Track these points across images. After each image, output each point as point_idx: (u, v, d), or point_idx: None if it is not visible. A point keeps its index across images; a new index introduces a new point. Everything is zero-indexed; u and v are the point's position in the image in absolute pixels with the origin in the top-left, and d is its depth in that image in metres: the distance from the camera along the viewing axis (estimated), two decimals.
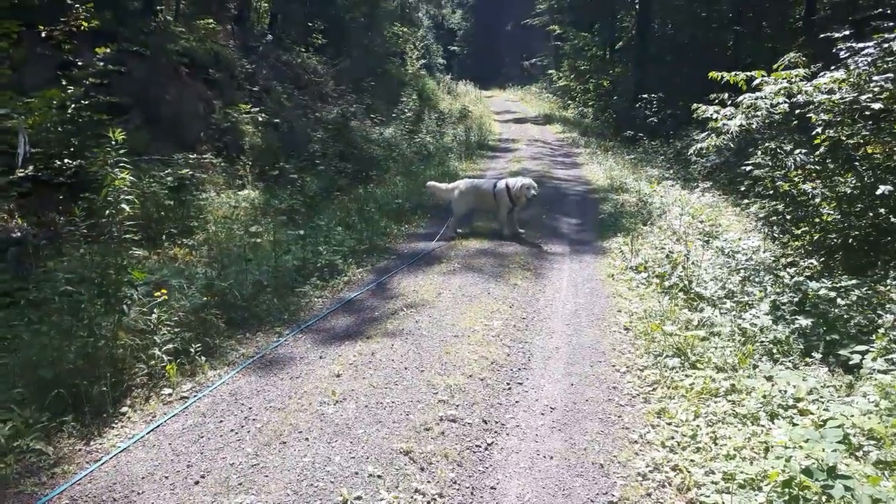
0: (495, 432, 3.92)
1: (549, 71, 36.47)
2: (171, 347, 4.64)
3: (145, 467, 3.50)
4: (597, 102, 27.51)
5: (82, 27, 8.42)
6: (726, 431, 3.80)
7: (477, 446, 3.75)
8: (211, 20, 14.29)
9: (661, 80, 21.21)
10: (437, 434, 3.83)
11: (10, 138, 6.62)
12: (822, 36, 7.31)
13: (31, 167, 7.01)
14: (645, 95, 19.68)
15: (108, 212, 4.81)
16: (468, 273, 7.16)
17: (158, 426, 3.93)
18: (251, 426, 3.92)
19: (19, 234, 6.72)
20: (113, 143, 4.91)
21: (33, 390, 4.00)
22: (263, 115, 12.51)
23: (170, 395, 4.33)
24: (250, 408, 4.15)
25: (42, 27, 8.00)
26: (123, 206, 4.75)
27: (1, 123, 6.61)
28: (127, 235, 4.92)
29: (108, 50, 8.45)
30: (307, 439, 3.75)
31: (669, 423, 4.01)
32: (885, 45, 6.49)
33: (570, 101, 31.27)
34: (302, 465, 3.50)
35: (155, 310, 4.79)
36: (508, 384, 4.57)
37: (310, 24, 20.58)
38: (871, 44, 6.68)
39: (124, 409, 4.11)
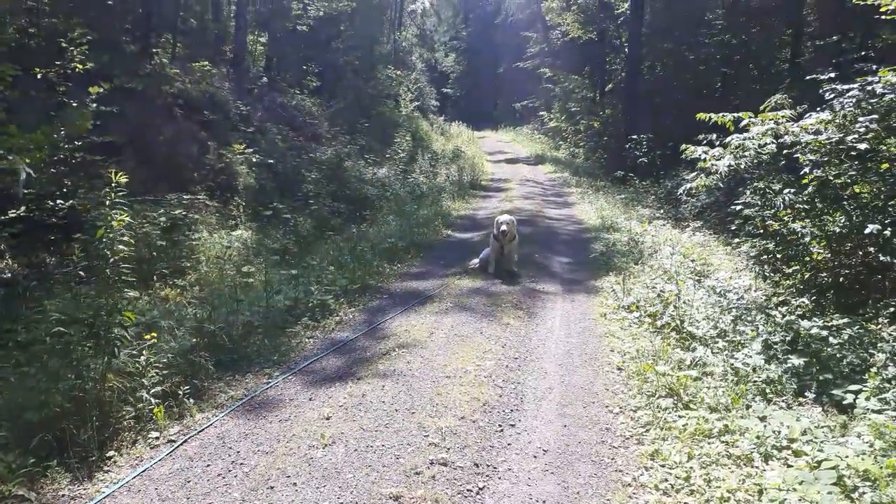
0: (487, 476, 3.86)
1: (541, 112, 36.96)
2: (159, 390, 4.59)
3: None
4: (587, 143, 27.87)
5: (77, 69, 8.52)
6: (720, 473, 3.76)
7: (468, 490, 3.69)
8: (207, 63, 14.51)
9: (651, 121, 21.50)
10: (428, 478, 3.77)
11: (7, 177, 6.62)
12: (807, 78, 7.45)
13: (22, 208, 7.01)
14: (635, 136, 19.93)
15: (103, 252, 4.79)
16: (460, 312, 7.15)
17: (145, 470, 3.86)
18: (238, 470, 3.86)
19: (9, 274, 6.70)
20: (113, 184, 4.92)
21: (18, 434, 3.94)
22: (258, 155, 12.61)
23: (157, 438, 4.26)
24: (238, 451, 4.09)
25: (37, 70, 8.09)
26: (121, 246, 4.73)
27: None
28: (119, 277, 4.90)
29: (102, 89, 8.53)
30: (295, 484, 3.69)
31: (663, 465, 3.96)
32: (869, 88, 6.61)
33: (561, 142, 31.66)
34: None
35: (144, 352, 4.75)
36: (500, 426, 4.52)
37: (305, 66, 20.90)
38: (855, 86, 6.80)
39: (111, 452, 4.04)
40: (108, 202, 4.90)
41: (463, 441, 4.24)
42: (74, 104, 8.29)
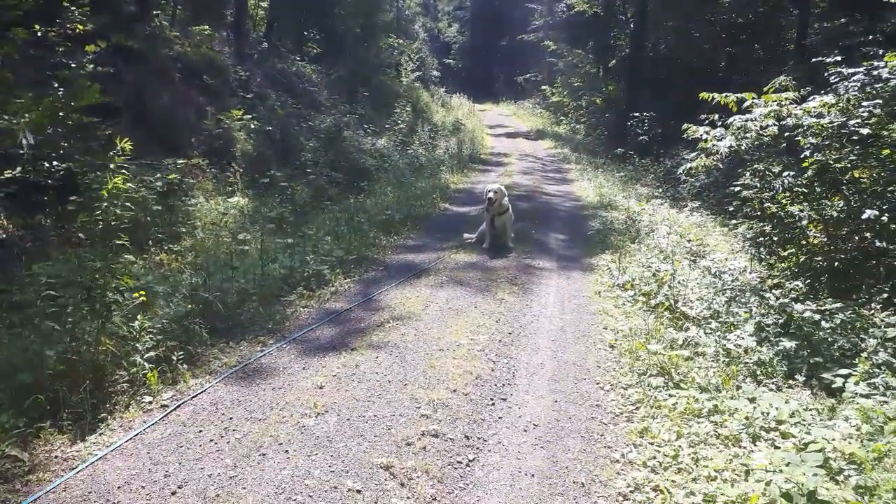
0: (477, 448, 3.90)
1: (543, 87, 36.70)
2: (152, 355, 4.61)
3: (122, 476, 3.46)
4: (589, 119, 27.74)
5: (77, 30, 8.40)
6: (708, 452, 3.79)
7: (458, 462, 3.72)
8: (206, 26, 14.33)
9: (653, 99, 21.37)
10: (419, 449, 3.80)
11: (6, 140, 6.56)
12: (812, 60, 7.38)
13: (18, 168, 6.96)
14: (636, 114, 19.83)
15: (102, 216, 4.77)
16: (455, 286, 7.16)
17: (137, 434, 3.89)
18: (231, 437, 3.88)
19: (4, 235, 6.67)
20: (118, 149, 4.88)
21: (11, 395, 3.95)
22: (256, 122, 12.52)
23: (150, 403, 4.29)
24: (231, 418, 4.11)
25: (37, 28, 7.97)
26: (119, 211, 4.70)
27: None
28: (117, 241, 4.88)
29: (99, 48, 8.40)
30: (287, 452, 3.72)
31: (652, 443, 4.00)
32: (875, 72, 6.56)
33: (562, 118, 31.49)
34: (281, 478, 3.46)
35: (138, 316, 4.75)
36: (492, 400, 4.55)
37: (306, 33, 20.66)
38: (860, 70, 6.75)
39: (103, 415, 4.06)
40: (111, 166, 4.87)
41: (454, 413, 4.27)
42: (73, 65, 8.17)
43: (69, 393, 4.02)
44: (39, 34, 7.98)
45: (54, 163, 7.27)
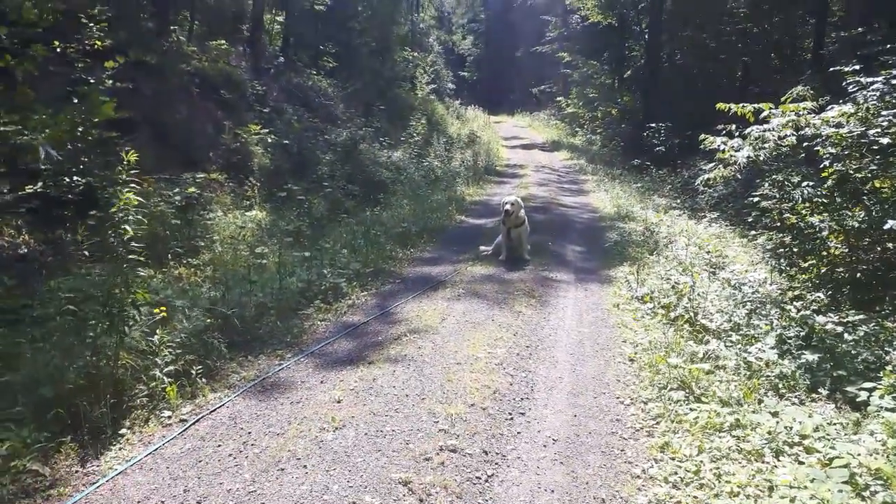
0: (496, 464, 3.87)
1: (558, 98, 36.73)
2: (171, 369, 4.63)
3: (142, 491, 3.47)
4: (605, 130, 27.68)
5: (96, 46, 8.52)
6: (730, 468, 3.74)
7: (477, 478, 3.70)
8: (223, 41, 14.49)
9: (669, 109, 21.28)
10: (437, 464, 3.78)
11: (27, 155, 6.66)
12: (830, 70, 7.32)
13: (39, 183, 7.05)
14: (653, 124, 19.75)
15: (115, 231, 4.81)
16: (472, 299, 7.14)
17: (157, 449, 3.90)
18: (250, 451, 3.88)
19: (26, 250, 6.75)
20: (125, 163, 4.93)
21: (33, 409, 3.98)
22: (273, 136, 12.61)
23: (169, 417, 4.30)
24: (249, 432, 4.12)
25: (57, 44, 8.10)
26: (126, 227, 4.73)
27: (13, 139, 6.65)
28: (132, 256, 4.92)
29: (117, 64, 8.51)
30: (305, 466, 3.71)
31: (673, 458, 3.95)
32: (894, 81, 6.49)
33: (577, 129, 31.43)
34: (299, 493, 3.46)
35: (157, 331, 4.78)
36: (510, 414, 4.52)
37: (321, 47, 20.82)
38: (879, 79, 6.69)
39: (123, 430, 4.08)
40: (120, 180, 4.91)
41: (473, 428, 4.25)
42: (92, 80, 8.29)
43: (89, 407, 4.04)
44: (59, 50, 8.11)
45: (74, 178, 7.36)
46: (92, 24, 8.58)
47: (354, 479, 3.60)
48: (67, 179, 7.32)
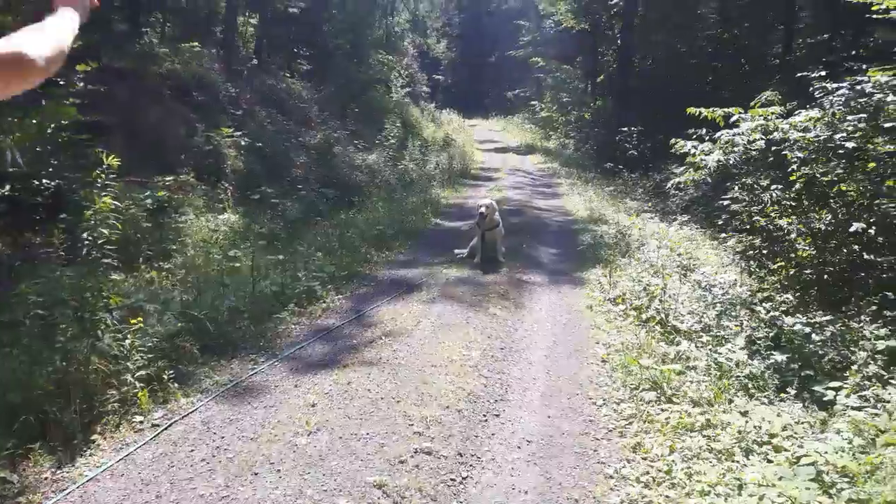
0: (471, 465, 3.88)
1: (532, 102, 36.92)
2: (143, 374, 4.57)
3: (113, 497, 3.42)
4: (578, 134, 27.86)
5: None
6: (701, 467, 3.80)
7: (452, 480, 3.71)
8: (196, 43, 14.35)
9: (641, 113, 21.52)
10: (412, 467, 3.79)
11: None
12: (798, 75, 7.47)
13: (7, 186, 6.93)
14: (625, 128, 19.95)
15: (89, 235, 4.75)
16: (447, 302, 7.16)
17: (128, 454, 3.85)
18: (223, 456, 3.85)
19: None
20: (104, 166, 4.87)
21: (1, 416, 3.91)
22: (246, 138, 12.52)
23: (141, 422, 4.25)
24: (222, 437, 4.09)
25: None
26: (104, 230, 4.68)
27: None
28: (105, 259, 4.85)
29: (90, 68, 8.39)
30: (279, 471, 3.69)
31: (645, 458, 4.00)
32: (858, 87, 6.64)
33: (551, 132, 31.62)
34: (273, 497, 3.44)
35: (129, 335, 4.72)
36: (485, 416, 4.54)
37: (295, 49, 20.71)
38: (844, 84, 6.84)
39: (94, 436, 4.02)
40: (98, 183, 4.85)
41: (447, 430, 4.26)
42: (62, 82, 8.15)
43: (59, 413, 3.97)
44: None
45: (44, 181, 7.24)
46: None
47: (328, 482, 3.59)
48: (36, 182, 7.20)
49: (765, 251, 7.64)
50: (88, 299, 4.51)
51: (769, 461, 3.80)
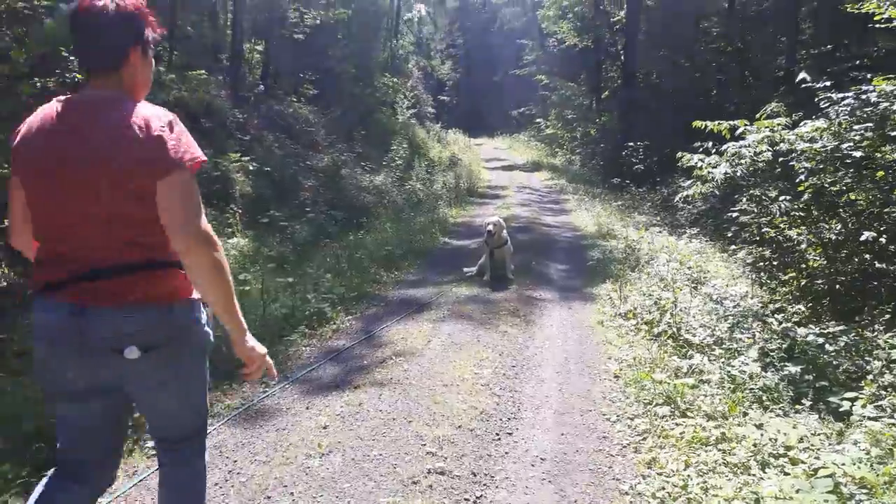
0: (484, 485, 3.86)
1: (537, 119, 37.13)
2: None
3: None
4: (584, 150, 27.97)
5: (77, 78, 8.50)
6: (717, 481, 3.75)
7: (466, 499, 3.68)
8: (203, 71, 14.51)
9: (647, 128, 21.59)
10: (425, 487, 3.76)
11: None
12: (803, 86, 7.49)
13: None
14: (631, 143, 20.00)
15: None
16: (457, 320, 7.15)
17: (141, 480, 3.85)
18: (235, 480, 3.85)
19: (5, 283, 6.68)
20: None
21: (14, 444, 3.92)
22: (254, 163, 12.61)
23: (153, 447, 4.24)
24: (235, 461, 4.08)
25: (37, 79, 8.06)
26: None
27: None
28: None
29: None
30: (292, 494, 3.68)
31: (660, 474, 3.96)
32: (863, 97, 6.65)
33: (557, 149, 31.75)
34: None
35: None
36: (498, 434, 4.52)
37: (301, 74, 20.92)
38: (850, 94, 6.84)
39: None
40: None
41: (460, 450, 4.24)
42: None
43: None
44: (38, 85, 8.07)
45: None
46: (73, 58, 8.55)
47: None
48: None
49: (775, 262, 7.61)
50: None
51: (786, 474, 3.75)
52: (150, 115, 2.12)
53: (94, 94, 2.19)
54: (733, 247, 9.96)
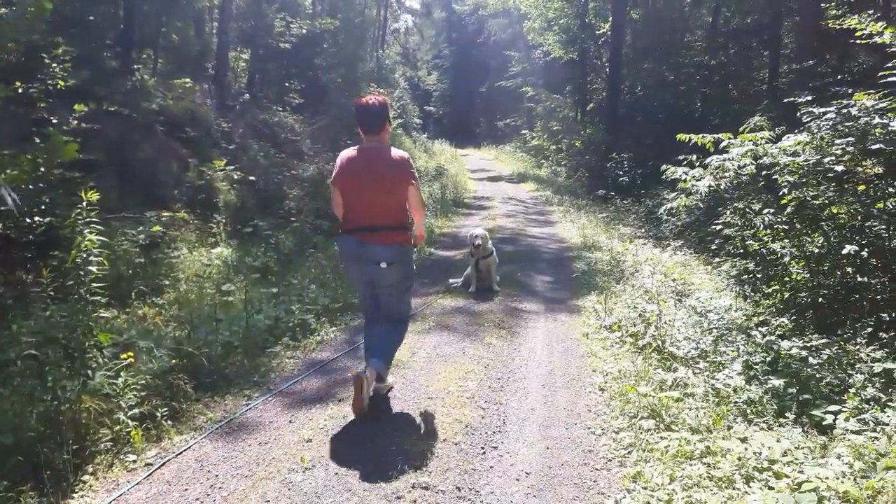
0: (469, 500, 3.82)
1: (523, 131, 37.29)
2: (136, 412, 4.51)
3: None
4: (569, 162, 28.10)
5: (59, 86, 8.44)
6: (702, 496, 3.75)
7: None
8: (188, 79, 14.45)
9: (632, 140, 21.75)
10: (409, 502, 3.73)
11: None
12: (785, 101, 7.57)
13: (0, 225, 6.91)
14: (615, 155, 20.12)
15: (75, 273, 4.73)
16: (442, 332, 7.12)
17: (121, 495, 3.78)
18: (217, 495, 3.79)
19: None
20: (84, 203, 4.87)
21: None
22: (239, 172, 12.55)
23: (134, 461, 4.18)
24: (217, 475, 4.02)
25: (19, 84, 7.99)
26: (92, 268, 4.66)
27: None
28: (95, 297, 4.82)
29: (87, 108, 8.45)
30: None
31: (645, 488, 3.95)
32: (845, 111, 6.73)
33: (543, 161, 31.88)
34: None
35: (121, 373, 4.67)
36: (483, 448, 4.49)
37: (287, 83, 20.89)
38: (831, 109, 6.92)
39: (86, 476, 3.95)
40: (80, 220, 4.84)
41: (445, 464, 4.20)
42: (55, 120, 8.19)
43: (51, 454, 3.91)
44: (20, 90, 8.00)
45: (36, 218, 7.23)
46: (55, 64, 8.50)
47: None
48: (28, 220, 7.19)
49: (759, 275, 7.66)
50: (78, 337, 4.46)
51: (770, 488, 3.75)
52: (399, 154, 4.89)
53: (370, 145, 4.93)
54: (717, 259, 10.02)
